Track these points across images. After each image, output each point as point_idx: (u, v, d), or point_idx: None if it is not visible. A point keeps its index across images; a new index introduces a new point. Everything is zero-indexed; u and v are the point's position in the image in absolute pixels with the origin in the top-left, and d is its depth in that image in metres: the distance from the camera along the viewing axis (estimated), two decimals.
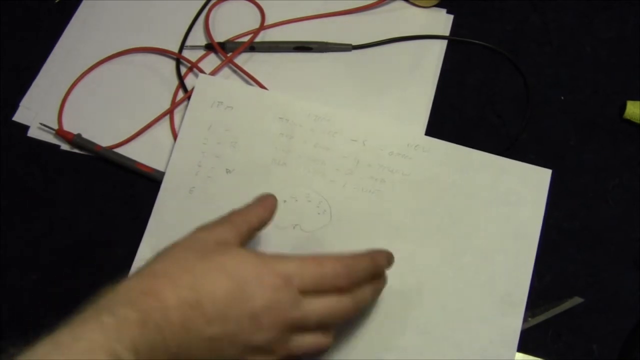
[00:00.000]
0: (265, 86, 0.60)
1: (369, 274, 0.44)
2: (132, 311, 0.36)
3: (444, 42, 0.62)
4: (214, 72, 0.61)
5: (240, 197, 0.49)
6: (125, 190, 0.57)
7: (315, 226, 0.54)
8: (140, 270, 0.39)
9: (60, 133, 0.58)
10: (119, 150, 0.58)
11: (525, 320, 0.51)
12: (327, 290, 0.41)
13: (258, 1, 0.64)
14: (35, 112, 0.60)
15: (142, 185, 0.57)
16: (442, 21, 0.63)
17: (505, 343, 0.50)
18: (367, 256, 0.44)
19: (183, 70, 0.61)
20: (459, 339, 0.50)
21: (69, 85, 0.61)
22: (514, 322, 0.50)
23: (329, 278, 0.41)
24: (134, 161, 0.57)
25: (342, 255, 0.42)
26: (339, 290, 0.41)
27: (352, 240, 0.53)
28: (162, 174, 0.56)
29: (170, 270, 0.39)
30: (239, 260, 0.40)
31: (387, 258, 0.46)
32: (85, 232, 0.56)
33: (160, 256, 0.40)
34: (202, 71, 0.61)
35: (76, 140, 0.58)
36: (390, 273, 0.52)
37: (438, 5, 0.63)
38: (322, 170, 0.56)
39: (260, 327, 0.39)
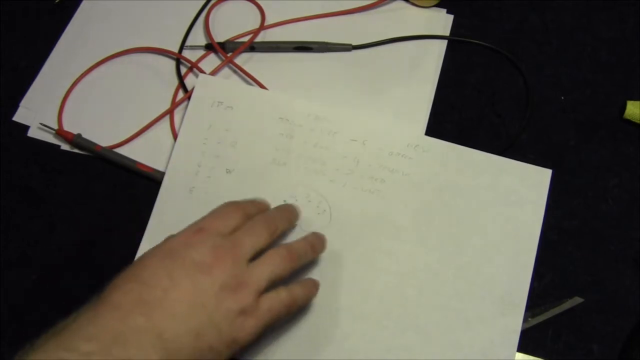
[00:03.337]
0: (265, 86, 0.60)
1: (286, 219, 0.49)
2: (91, 344, 0.37)
3: (444, 42, 0.62)
4: (214, 72, 0.61)
5: (240, 197, 0.49)
6: (125, 190, 0.57)
7: (315, 226, 0.54)
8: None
9: (60, 133, 0.58)
10: (119, 150, 0.58)
11: (525, 320, 0.51)
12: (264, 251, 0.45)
13: (258, 1, 0.64)
14: (35, 112, 0.60)
15: (142, 185, 0.57)
16: (442, 21, 0.63)
17: (505, 343, 0.50)
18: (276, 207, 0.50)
19: (183, 70, 0.61)
20: (459, 339, 0.50)
21: (69, 85, 0.60)
22: (514, 322, 0.50)
23: (256, 228, 0.45)
24: (134, 161, 0.57)
25: None
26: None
27: (351, 240, 0.53)
28: (162, 174, 0.56)
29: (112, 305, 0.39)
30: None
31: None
32: (85, 232, 0.56)
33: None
34: (202, 71, 0.61)
35: (76, 140, 0.58)
36: (390, 273, 0.52)
37: (438, 5, 0.63)
38: (322, 170, 0.56)
39: (234, 294, 0.41)
